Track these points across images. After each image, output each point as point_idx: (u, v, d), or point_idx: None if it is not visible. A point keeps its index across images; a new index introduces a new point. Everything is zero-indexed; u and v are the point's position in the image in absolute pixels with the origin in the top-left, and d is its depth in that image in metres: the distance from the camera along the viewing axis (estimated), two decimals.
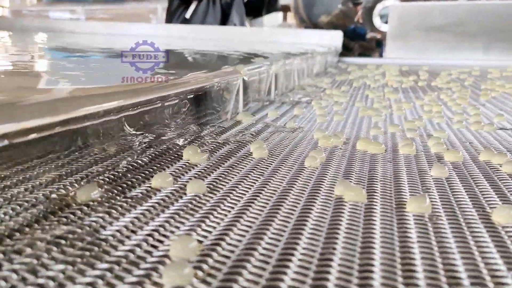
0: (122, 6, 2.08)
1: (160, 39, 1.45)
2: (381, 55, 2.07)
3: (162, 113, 0.40)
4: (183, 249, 0.21)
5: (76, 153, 0.32)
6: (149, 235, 0.23)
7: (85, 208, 0.26)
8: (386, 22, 1.93)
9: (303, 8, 2.29)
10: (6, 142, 0.23)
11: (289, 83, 0.79)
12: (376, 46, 2.19)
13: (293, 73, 0.81)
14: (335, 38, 1.69)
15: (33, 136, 0.25)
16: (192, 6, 1.96)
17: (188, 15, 1.97)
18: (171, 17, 1.94)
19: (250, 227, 0.24)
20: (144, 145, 0.37)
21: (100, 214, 0.25)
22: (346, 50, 2.21)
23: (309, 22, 2.28)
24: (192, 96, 0.44)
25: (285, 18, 2.70)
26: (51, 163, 0.31)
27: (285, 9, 2.42)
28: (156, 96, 0.37)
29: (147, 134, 0.40)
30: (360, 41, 2.20)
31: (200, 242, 0.22)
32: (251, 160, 0.36)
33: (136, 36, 1.63)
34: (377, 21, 2.18)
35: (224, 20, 2.02)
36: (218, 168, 0.34)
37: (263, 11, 2.22)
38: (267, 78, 0.65)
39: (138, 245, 0.22)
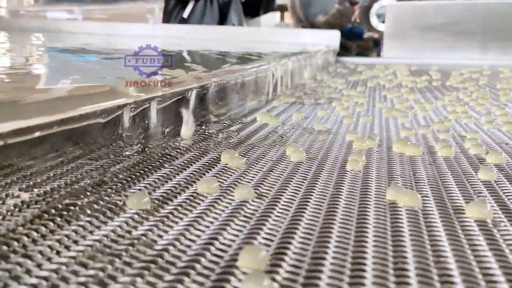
0: (119, 6, 2.06)
1: (158, 39, 1.45)
2: (379, 55, 2.07)
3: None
4: (253, 259, 0.20)
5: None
6: (209, 243, 0.22)
7: (136, 216, 0.25)
8: (383, 22, 1.94)
9: (300, 7, 2.29)
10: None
11: (295, 81, 0.79)
12: (373, 46, 2.19)
13: (293, 72, 0.81)
14: (333, 37, 1.68)
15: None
16: (190, 6, 1.94)
17: (185, 14, 1.95)
18: (168, 17, 1.93)
19: (311, 234, 0.23)
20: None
21: (152, 223, 0.24)
22: (344, 50, 2.21)
23: (306, 21, 2.28)
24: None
25: (282, 18, 2.69)
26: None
27: (282, 8, 2.42)
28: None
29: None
30: (358, 41, 2.20)
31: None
32: (289, 163, 0.35)
33: (134, 37, 1.61)
34: (374, 20, 2.18)
35: (222, 20, 2.01)
36: (258, 172, 0.33)
37: (260, 11, 2.21)
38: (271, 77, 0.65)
39: (202, 255, 0.21)
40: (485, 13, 1.65)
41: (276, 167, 0.34)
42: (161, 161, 0.34)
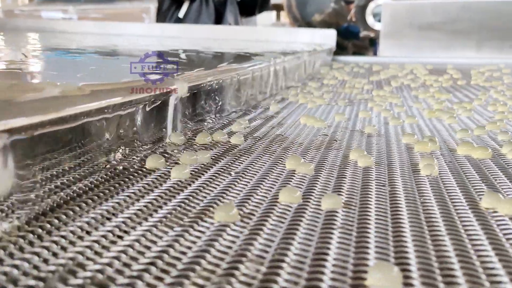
0: (114, 6, 2.03)
1: (153, 39, 1.43)
2: (375, 54, 2.07)
3: None
4: (385, 279, 0.18)
5: None
6: (322, 259, 0.20)
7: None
8: (379, 21, 1.94)
9: (296, 6, 2.28)
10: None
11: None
12: (369, 45, 2.19)
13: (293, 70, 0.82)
14: (329, 36, 1.68)
15: None
16: (185, 6, 1.92)
17: (181, 14, 1.93)
18: (163, 17, 1.90)
19: (423, 246, 0.22)
20: None
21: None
22: (340, 49, 2.21)
23: (302, 21, 2.27)
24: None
25: (278, 17, 2.68)
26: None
27: (278, 8, 2.41)
28: None
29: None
30: (354, 40, 2.20)
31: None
32: (356, 168, 0.33)
33: (129, 36, 1.59)
34: (370, 19, 2.18)
35: (218, 19, 1.99)
36: (329, 178, 0.31)
37: (256, 10, 2.20)
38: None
39: (321, 273, 0.19)
40: (481, 12, 1.66)
41: (345, 172, 0.32)
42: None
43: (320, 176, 0.31)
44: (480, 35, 1.63)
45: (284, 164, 0.33)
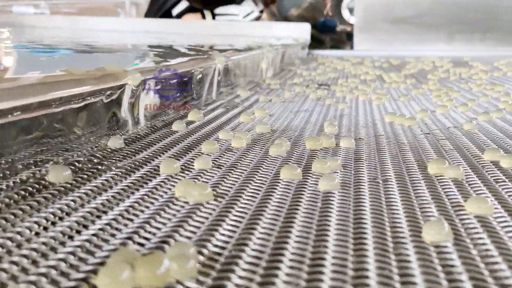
0: (88, 0, 2.00)
1: (127, 35, 1.42)
2: (352, 48, 2.09)
3: None
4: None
5: None
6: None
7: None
8: None
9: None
10: None
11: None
12: (347, 39, 2.22)
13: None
14: (304, 30, 1.69)
15: None
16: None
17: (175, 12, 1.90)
18: (155, 11, 1.85)
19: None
20: None
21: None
22: (318, 43, 2.24)
23: (279, 15, 2.28)
24: None
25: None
26: None
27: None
28: None
29: None
30: (331, 34, 2.22)
31: None
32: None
33: (103, 31, 1.57)
34: (346, 13, 2.20)
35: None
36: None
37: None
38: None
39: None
40: (451, 6, 1.70)
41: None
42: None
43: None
44: (450, 28, 1.67)
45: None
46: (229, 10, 2.12)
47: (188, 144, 0.39)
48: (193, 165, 0.33)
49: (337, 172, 0.33)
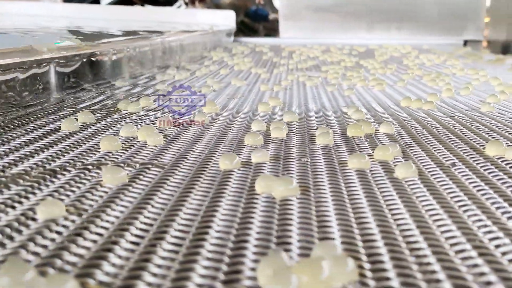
0: None
1: (48, 19, 1.32)
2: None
3: None
4: None
5: None
6: None
7: None
8: None
9: None
10: None
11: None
12: (279, 27, 2.22)
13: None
14: (229, 17, 1.66)
15: None
16: None
17: None
18: None
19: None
20: None
21: None
22: (252, 31, 2.24)
23: (212, 3, 2.25)
24: None
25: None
26: None
27: None
28: None
29: None
30: (263, 22, 2.23)
31: None
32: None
33: (18, 16, 1.46)
34: (276, 2, 2.20)
35: None
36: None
37: None
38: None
39: None
40: None
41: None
42: None
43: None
44: (370, 17, 1.70)
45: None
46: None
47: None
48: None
49: (398, 158, 0.31)
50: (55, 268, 0.17)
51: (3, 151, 0.31)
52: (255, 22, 2.20)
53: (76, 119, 0.40)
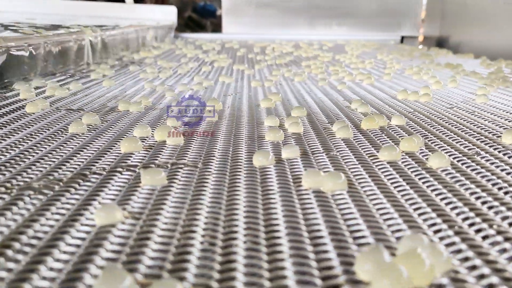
0: None
1: None
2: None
3: None
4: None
5: None
6: None
7: None
8: None
9: None
10: None
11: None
12: None
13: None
14: (169, 13, 1.63)
15: None
16: None
17: None
18: None
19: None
20: None
21: None
22: (199, 27, 2.22)
23: None
24: None
25: None
26: None
27: None
28: None
29: None
30: (211, 18, 2.21)
31: None
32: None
33: None
34: None
35: None
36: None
37: None
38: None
39: None
40: None
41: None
42: None
43: None
44: (311, 13, 1.70)
45: None
46: None
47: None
48: None
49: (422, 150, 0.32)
50: (142, 274, 0.16)
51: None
52: (203, 17, 2.19)
53: (83, 121, 0.38)
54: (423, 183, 0.26)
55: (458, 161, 0.30)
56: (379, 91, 0.57)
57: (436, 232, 0.20)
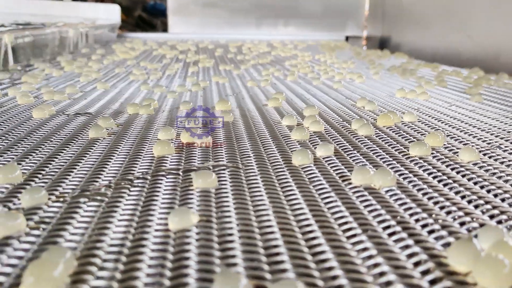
0: None
1: None
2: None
3: None
4: None
5: None
6: None
7: None
8: None
9: None
10: None
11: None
12: None
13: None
14: (112, 12, 1.59)
15: None
16: None
17: None
18: None
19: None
20: None
21: None
22: (150, 27, 2.18)
23: None
24: None
25: None
26: None
27: None
28: None
29: None
30: (162, 18, 2.13)
31: None
32: None
33: None
34: None
35: None
36: None
37: None
38: None
39: None
40: None
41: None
42: None
43: None
44: (258, 13, 1.70)
45: None
46: None
47: None
48: None
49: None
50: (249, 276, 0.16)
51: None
52: (154, 17, 2.15)
53: (103, 126, 0.37)
54: (465, 176, 0.27)
55: (484, 154, 0.31)
56: (376, 89, 0.59)
57: (498, 223, 0.21)
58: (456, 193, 0.24)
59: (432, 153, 0.31)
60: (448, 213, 0.22)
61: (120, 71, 0.75)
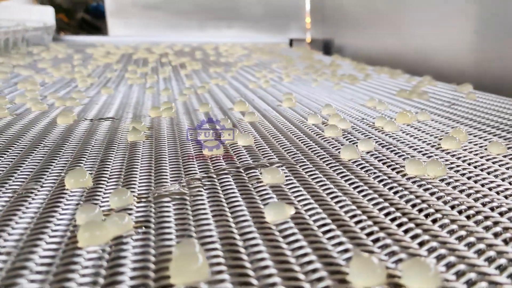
0: None
1: None
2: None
3: None
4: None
5: None
6: None
7: None
8: None
9: None
10: None
11: None
12: None
13: None
14: (46, 14, 1.52)
15: None
16: None
17: None
18: None
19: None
20: None
21: None
22: (94, 29, 2.12)
23: None
24: None
25: None
26: None
27: None
28: None
29: None
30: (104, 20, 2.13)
31: None
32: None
33: None
34: None
35: None
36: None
37: None
38: None
39: None
40: None
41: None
42: None
43: None
44: (201, 15, 1.69)
45: None
46: None
47: None
48: None
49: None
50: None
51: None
52: (97, 19, 2.07)
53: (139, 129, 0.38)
54: (503, 165, 0.30)
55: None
56: (373, 91, 0.62)
57: None
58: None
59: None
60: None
61: (112, 76, 0.74)
